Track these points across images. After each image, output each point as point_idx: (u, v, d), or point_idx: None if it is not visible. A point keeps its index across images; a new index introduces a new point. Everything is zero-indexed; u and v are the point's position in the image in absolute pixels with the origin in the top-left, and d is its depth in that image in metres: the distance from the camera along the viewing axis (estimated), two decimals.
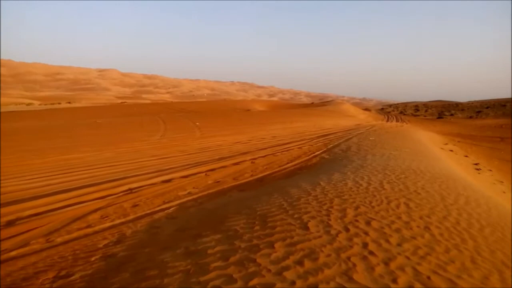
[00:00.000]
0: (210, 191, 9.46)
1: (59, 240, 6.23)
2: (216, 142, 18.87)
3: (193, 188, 9.75)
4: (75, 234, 6.50)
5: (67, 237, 6.39)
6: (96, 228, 6.80)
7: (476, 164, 19.97)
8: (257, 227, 5.41)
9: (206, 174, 11.37)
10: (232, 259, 4.38)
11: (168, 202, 8.41)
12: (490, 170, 19.17)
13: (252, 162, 13.36)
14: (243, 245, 4.78)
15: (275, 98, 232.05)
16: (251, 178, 10.92)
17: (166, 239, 5.74)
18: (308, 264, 4.13)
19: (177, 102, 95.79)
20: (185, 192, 9.31)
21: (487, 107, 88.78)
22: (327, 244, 4.65)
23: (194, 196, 8.90)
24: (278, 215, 5.91)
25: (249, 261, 4.28)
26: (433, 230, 5.25)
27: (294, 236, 4.94)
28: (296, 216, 5.78)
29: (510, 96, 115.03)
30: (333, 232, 5.04)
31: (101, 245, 5.89)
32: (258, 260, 4.26)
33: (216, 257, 4.51)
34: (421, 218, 5.75)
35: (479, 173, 16.95)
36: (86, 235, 6.46)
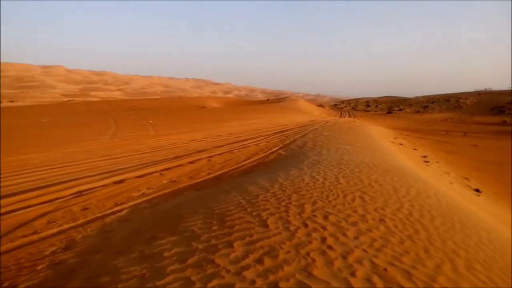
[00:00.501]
0: (165, 191, 9.19)
1: (1, 249, 5.77)
2: (170, 141, 18.45)
3: (147, 188, 9.42)
4: (19, 242, 6.06)
5: (10, 245, 5.93)
6: (43, 234, 6.37)
7: (424, 156, 20.95)
8: (215, 227, 5.27)
9: (160, 174, 11.05)
10: (189, 261, 4.23)
11: (120, 204, 8.06)
12: (438, 162, 20.19)
13: (208, 160, 13.17)
14: (200, 246, 4.64)
15: (230, 95, 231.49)
16: (207, 177, 10.75)
17: (119, 243, 5.46)
18: (268, 262, 4.06)
19: (128, 99, 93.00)
20: (139, 193, 8.98)
21: (432, 102, 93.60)
22: (287, 240, 4.61)
23: (149, 197, 8.60)
24: (237, 213, 5.81)
25: (207, 262, 4.14)
26: (388, 222, 5.37)
27: (253, 234, 4.86)
28: (255, 213, 5.71)
29: (454, 91, 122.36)
30: (292, 228, 5.02)
31: (48, 252, 5.51)
32: (217, 261, 4.14)
33: (172, 260, 4.33)
34: (376, 210, 5.87)
35: (427, 165, 17.78)
36: (31, 242, 6.03)
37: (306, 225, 5.10)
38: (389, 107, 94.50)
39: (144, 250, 4.81)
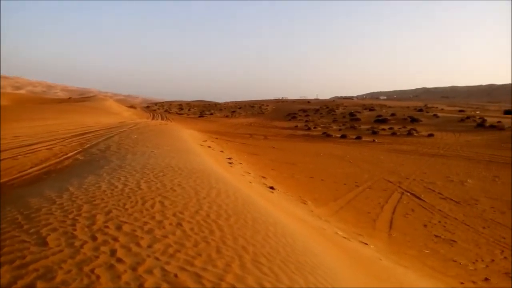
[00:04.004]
0: None
1: None
2: None
3: None
4: None
5: None
6: None
7: (229, 158, 22.44)
8: None
9: None
10: None
11: None
12: (241, 163, 21.92)
13: None
14: None
15: (22, 91, 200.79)
16: None
17: None
18: (41, 285, 3.45)
19: None
20: None
21: (240, 108, 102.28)
22: (69, 258, 4.04)
23: None
24: (9, 232, 4.84)
25: None
26: (185, 226, 5.35)
27: (26, 256, 4.08)
28: (32, 230, 4.85)
29: (259, 98, 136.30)
30: (77, 243, 4.44)
31: None
32: None
33: None
34: (174, 215, 5.79)
35: (231, 166, 19.07)
36: None
37: (95, 238, 4.60)
38: (201, 111, 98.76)
39: None
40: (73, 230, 4.87)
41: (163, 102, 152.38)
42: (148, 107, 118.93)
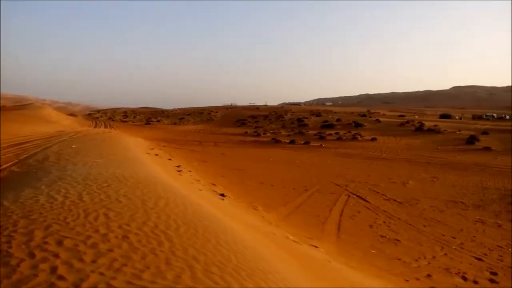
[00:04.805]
0: None
1: None
2: None
3: None
4: None
5: None
6: None
7: (178, 166, 22.01)
8: None
9: None
10: None
11: None
12: (190, 171, 21.57)
13: None
14: None
15: None
16: None
17: None
18: None
19: None
20: None
21: (188, 114, 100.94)
22: (4, 278, 3.73)
23: None
24: None
25: None
26: (132, 238, 5.14)
27: None
28: None
29: (208, 105, 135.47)
30: (13, 262, 4.11)
31: None
32: None
33: None
34: (120, 227, 5.55)
35: (180, 175, 18.71)
36: None
37: (33, 256, 4.28)
38: (147, 118, 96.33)
39: None
40: (8, 247, 4.50)
41: (106, 109, 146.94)
42: (90, 114, 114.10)
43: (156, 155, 25.69)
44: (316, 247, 10.69)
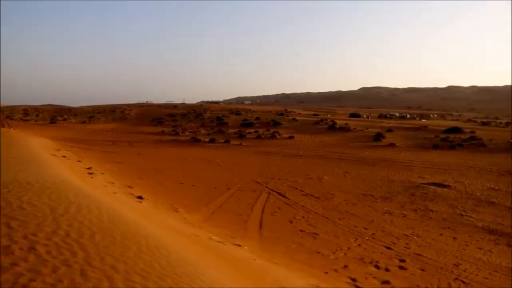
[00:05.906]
0: None
1: None
2: None
3: None
4: None
5: None
6: None
7: (89, 168, 20.53)
8: None
9: None
10: None
11: None
12: (103, 173, 20.23)
13: None
14: None
15: None
16: None
17: None
18: None
19: None
20: None
21: (98, 112, 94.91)
22: None
23: None
24: None
25: None
26: (40, 249, 4.56)
27: None
28: None
29: (120, 102, 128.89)
30: None
31: None
32: None
33: None
34: (25, 237, 4.90)
35: (92, 177, 17.45)
36: None
37: None
38: (52, 117, 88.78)
39: None
40: None
41: (3, 107, 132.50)
42: None
43: (64, 156, 23.74)
44: (240, 246, 10.64)
